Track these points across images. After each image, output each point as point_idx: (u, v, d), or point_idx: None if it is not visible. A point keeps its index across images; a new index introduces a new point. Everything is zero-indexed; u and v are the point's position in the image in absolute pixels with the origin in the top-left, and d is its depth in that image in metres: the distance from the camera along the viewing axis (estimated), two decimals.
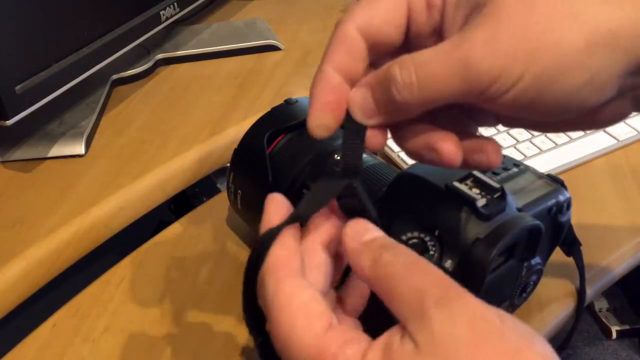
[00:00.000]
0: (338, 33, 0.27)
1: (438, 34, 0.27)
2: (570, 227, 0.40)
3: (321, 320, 0.23)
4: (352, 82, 0.27)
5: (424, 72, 0.24)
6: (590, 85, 0.23)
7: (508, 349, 0.20)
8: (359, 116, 0.26)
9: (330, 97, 0.26)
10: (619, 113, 0.26)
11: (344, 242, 0.26)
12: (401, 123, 0.27)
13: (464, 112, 0.28)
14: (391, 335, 0.22)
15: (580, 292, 0.43)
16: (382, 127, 0.27)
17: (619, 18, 0.22)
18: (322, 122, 0.27)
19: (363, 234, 0.26)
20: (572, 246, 0.42)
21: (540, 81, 0.23)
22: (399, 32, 0.26)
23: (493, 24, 0.23)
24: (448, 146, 0.26)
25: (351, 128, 0.27)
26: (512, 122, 0.28)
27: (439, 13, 0.26)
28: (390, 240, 0.25)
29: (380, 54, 0.27)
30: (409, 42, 0.27)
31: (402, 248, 0.25)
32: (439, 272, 0.23)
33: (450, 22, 0.25)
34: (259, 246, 0.26)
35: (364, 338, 0.23)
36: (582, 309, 0.43)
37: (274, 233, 0.26)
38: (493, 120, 0.28)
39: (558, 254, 0.42)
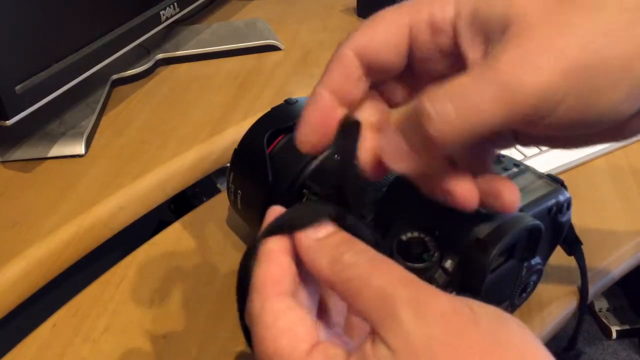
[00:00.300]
0: (335, 54, 0.26)
1: (451, 59, 0.25)
2: (571, 227, 0.40)
3: (305, 341, 0.22)
4: (347, 103, 0.26)
5: (463, 102, 0.21)
6: (631, 96, 0.22)
7: (484, 338, 0.20)
8: (391, 163, 0.24)
9: (318, 118, 0.26)
10: None
11: (295, 239, 0.25)
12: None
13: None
14: (363, 344, 0.22)
15: (583, 291, 0.43)
16: (418, 172, 0.25)
17: None
18: (307, 139, 0.26)
19: (317, 229, 0.24)
20: (573, 245, 0.42)
21: (585, 97, 0.21)
22: (399, 56, 0.25)
23: (526, 44, 0.21)
24: (463, 190, 0.25)
25: (342, 147, 0.26)
26: (534, 140, 0.26)
27: (448, 38, 0.24)
28: (347, 236, 0.24)
29: (381, 77, 0.26)
30: (415, 67, 0.26)
31: (362, 245, 0.24)
32: (404, 270, 0.22)
33: (469, 46, 0.24)
34: (244, 259, 0.26)
35: (342, 354, 0.22)
36: (585, 307, 0.43)
37: (256, 246, 0.26)
38: (512, 140, 0.27)
39: (558, 254, 0.42)
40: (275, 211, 0.27)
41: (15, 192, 0.54)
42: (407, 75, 0.26)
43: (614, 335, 1.24)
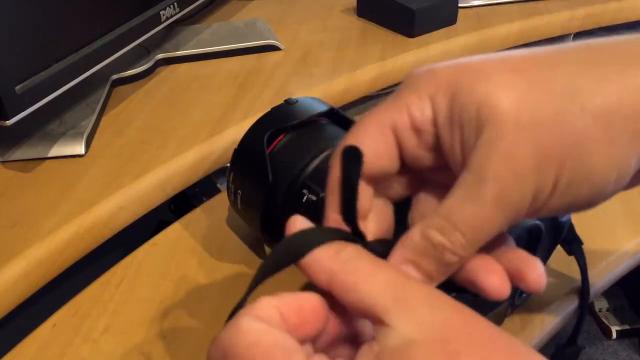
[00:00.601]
0: (331, 177, 0.26)
1: (436, 153, 0.25)
2: (571, 226, 0.40)
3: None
4: (362, 217, 0.26)
5: (466, 227, 0.23)
6: (621, 173, 0.22)
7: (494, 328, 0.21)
8: None
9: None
10: (636, 182, 0.25)
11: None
12: None
13: None
14: (363, 349, 0.22)
15: (583, 290, 0.43)
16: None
17: (628, 98, 0.22)
18: None
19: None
20: (573, 245, 0.42)
21: (574, 184, 0.22)
22: (393, 161, 0.25)
23: (505, 147, 0.22)
24: (494, 283, 0.24)
25: (345, 176, 0.26)
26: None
27: (431, 136, 0.24)
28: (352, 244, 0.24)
29: (381, 180, 0.26)
30: (407, 163, 0.26)
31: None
32: (395, 271, 0.23)
33: (448, 145, 0.24)
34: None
35: None
36: (586, 306, 0.43)
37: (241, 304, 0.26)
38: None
39: (559, 254, 0.42)
40: (298, 221, 0.26)
41: (15, 192, 0.54)
42: (404, 170, 0.26)
43: (614, 335, 1.24)
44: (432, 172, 0.26)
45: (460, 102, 0.23)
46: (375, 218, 0.27)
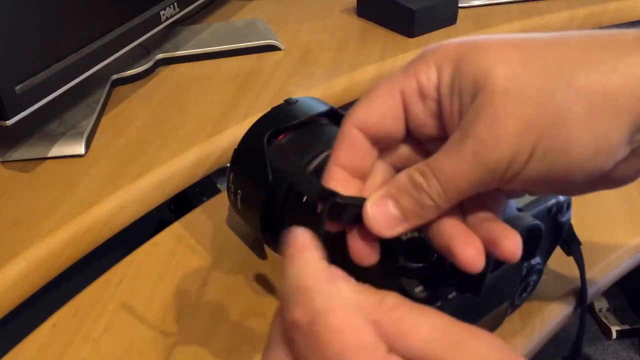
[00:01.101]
0: (340, 133, 0.28)
1: (437, 122, 0.27)
2: (571, 227, 0.40)
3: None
4: (359, 175, 0.28)
5: (445, 176, 0.25)
6: (601, 151, 0.23)
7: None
8: (380, 229, 0.26)
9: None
10: (633, 170, 0.25)
11: None
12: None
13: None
14: None
15: (582, 292, 0.43)
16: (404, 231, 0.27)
17: (615, 78, 0.23)
18: None
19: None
20: (572, 245, 0.42)
21: (551, 154, 0.23)
22: (399, 124, 0.27)
23: (491, 112, 0.23)
24: (467, 253, 0.25)
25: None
26: (522, 193, 0.28)
27: (434, 102, 0.26)
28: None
29: (386, 144, 0.28)
30: (412, 132, 0.28)
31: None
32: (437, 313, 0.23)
33: (448, 111, 0.26)
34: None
35: None
36: (585, 308, 0.43)
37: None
38: (504, 198, 0.29)
39: (558, 254, 0.42)
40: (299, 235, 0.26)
41: (15, 192, 0.54)
42: (409, 139, 0.28)
43: (614, 335, 1.24)
44: (434, 143, 0.27)
45: (461, 71, 0.25)
46: (376, 180, 0.28)
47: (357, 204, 0.26)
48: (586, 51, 0.23)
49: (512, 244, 0.25)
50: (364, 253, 0.27)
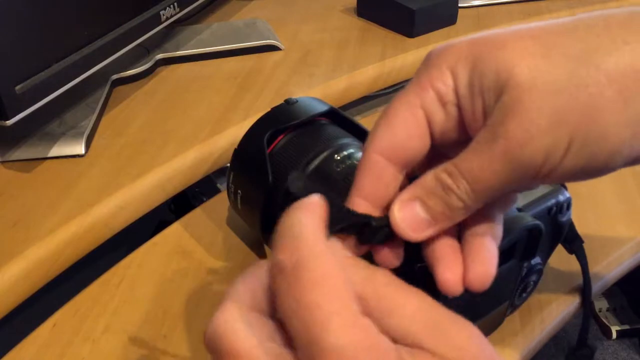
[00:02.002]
0: (363, 163, 0.26)
1: (459, 126, 0.26)
2: (572, 225, 0.40)
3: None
4: (385, 206, 0.26)
5: (475, 177, 0.24)
6: (638, 132, 0.22)
7: None
8: (408, 233, 0.25)
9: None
10: None
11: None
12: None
13: None
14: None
15: (585, 289, 0.43)
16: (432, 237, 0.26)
17: (630, 49, 0.22)
18: None
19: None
20: (574, 243, 0.42)
21: (588, 144, 0.22)
22: (425, 142, 0.26)
23: (520, 109, 0.22)
24: (446, 278, 0.25)
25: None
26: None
27: (454, 106, 0.25)
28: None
29: (412, 164, 0.27)
30: (435, 142, 0.26)
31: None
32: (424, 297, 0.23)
33: (470, 112, 0.25)
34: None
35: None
36: (589, 305, 0.43)
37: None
38: (513, 194, 0.28)
39: (559, 253, 0.42)
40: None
41: (15, 192, 0.54)
42: (431, 152, 0.27)
43: (614, 335, 1.24)
44: (453, 147, 0.26)
45: (480, 70, 0.24)
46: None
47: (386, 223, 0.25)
48: (609, 33, 0.23)
49: (475, 275, 0.25)
50: (388, 258, 0.27)
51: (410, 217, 0.25)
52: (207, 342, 0.22)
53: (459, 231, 0.27)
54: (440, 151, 0.27)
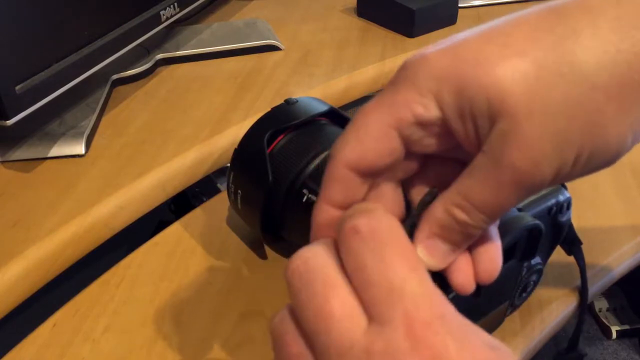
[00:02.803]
0: (328, 174, 0.26)
1: (445, 138, 0.25)
2: (571, 226, 0.40)
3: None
4: (350, 206, 0.26)
5: (486, 207, 0.24)
6: (637, 133, 0.23)
7: None
8: (437, 266, 0.26)
9: (326, 232, 0.26)
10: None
11: None
12: None
13: None
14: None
15: (582, 291, 0.43)
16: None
17: (637, 61, 0.21)
18: None
19: None
20: (572, 245, 0.42)
21: (593, 156, 0.22)
22: (395, 156, 0.25)
23: (520, 138, 0.22)
24: (458, 280, 0.26)
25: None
26: None
27: (438, 128, 0.24)
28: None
29: (382, 175, 0.26)
30: (412, 150, 0.26)
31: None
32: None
33: (462, 134, 0.24)
34: None
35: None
36: (585, 307, 0.43)
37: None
38: None
39: (558, 253, 0.42)
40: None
41: (15, 192, 0.54)
42: (409, 154, 0.26)
43: (614, 335, 1.24)
44: (448, 150, 0.26)
45: (469, 97, 0.23)
46: (386, 203, 0.27)
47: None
48: (592, 32, 0.22)
49: (484, 269, 0.26)
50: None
51: (435, 254, 0.26)
52: (292, 274, 0.24)
53: None
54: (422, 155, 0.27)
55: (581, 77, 0.21)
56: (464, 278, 0.26)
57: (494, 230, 0.27)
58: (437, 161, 0.27)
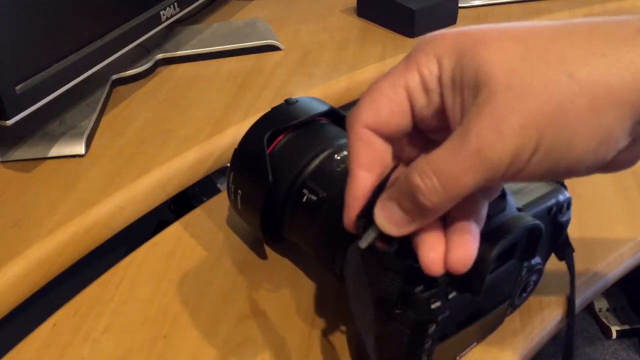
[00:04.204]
0: (351, 137, 0.28)
1: (440, 114, 0.27)
2: (565, 232, 0.40)
3: None
4: (382, 173, 0.28)
5: (444, 175, 0.24)
6: (604, 144, 0.23)
7: None
8: (389, 229, 0.27)
9: (362, 197, 0.28)
10: (630, 158, 0.25)
11: None
12: None
13: None
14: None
15: (570, 298, 0.42)
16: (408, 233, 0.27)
17: (618, 72, 0.22)
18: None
19: None
20: (564, 250, 0.42)
21: (554, 151, 0.23)
22: (407, 119, 0.27)
23: (493, 108, 0.23)
24: (429, 257, 0.27)
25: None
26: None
27: (437, 95, 0.26)
28: None
29: (395, 139, 0.28)
30: (417, 124, 0.28)
31: None
32: None
33: (450, 106, 0.26)
34: None
35: None
36: (573, 316, 0.42)
37: None
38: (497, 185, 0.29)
39: None
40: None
41: (15, 192, 0.54)
42: (415, 133, 0.28)
43: (614, 335, 1.24)
44: (438, 134, 0.27)
45: (462, 65, 0.25)
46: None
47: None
48: (589, 43, 0.23)
49: (456, 256, 0.26)
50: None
51: (389, 216, 0.27)
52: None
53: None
54: (429, 137, 0.29)
55: (563, 66, 0.23)
56: (432, 257, 0.26)
57: (473, 226, 0.27)
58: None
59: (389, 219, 0.27)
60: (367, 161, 0.28)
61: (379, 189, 0.27)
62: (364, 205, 0.28)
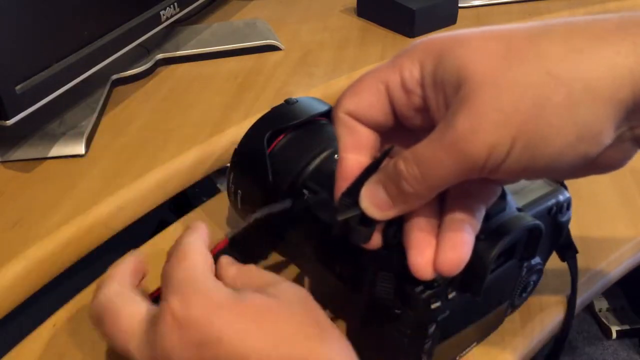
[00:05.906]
0: (337, 120, 0.29)
1: (424, 114, 0.28)
2: (568, 232, 0.40)
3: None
4: (371, 155, 0.29)
5: (424, 164, 0.25)
6: (583, 139, 0.23)
7: None
8: (373, 212, 0.28)
9: (352, 177, 0.29)
10: (621, 156, 0.26)
11: None
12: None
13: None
14: None
15: (571, 300, 0.42)
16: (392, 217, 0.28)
17: (595, 67, 0.22)
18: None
19: None
20: (566, 252, 0.42)
21: (531, 146, 0.23)
22: (386, 115, 0.28)
23: (472, 104, 0.24)
24: (417, 262, 0.27)
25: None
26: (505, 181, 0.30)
27: (419, 97, 0.27)
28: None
29: (383, 130, 0.29)
30: (400, 122, 0.29)
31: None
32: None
33: (434, 106, 0.26)
34: None
35: None
36: (572, 316, 0.42)
37: None
38: (495, 186, 0.29)
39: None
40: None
41: (15, 192, 0.54)
42: (401, 129, 0.29)
43: (614, 335, 1.24)
44: (424, 132, 0.28)
45: (444, 64, 0.25)
46: None
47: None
48: (567, 40, 0.23)
49: (444, 259, 0.27)
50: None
51: (374, 198, 0.28)
52: (95, 312, 0.33)
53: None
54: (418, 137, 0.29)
55: (541, 63, 0.23)
56: (419, 261, 0.27)
57: (467, 229, 0.28)
58: None
59: (373, 201, 0.27)
60: (351, 144, 0.29)
61: (367, 172, 0.28)
62: (350, 185, 0.29)
